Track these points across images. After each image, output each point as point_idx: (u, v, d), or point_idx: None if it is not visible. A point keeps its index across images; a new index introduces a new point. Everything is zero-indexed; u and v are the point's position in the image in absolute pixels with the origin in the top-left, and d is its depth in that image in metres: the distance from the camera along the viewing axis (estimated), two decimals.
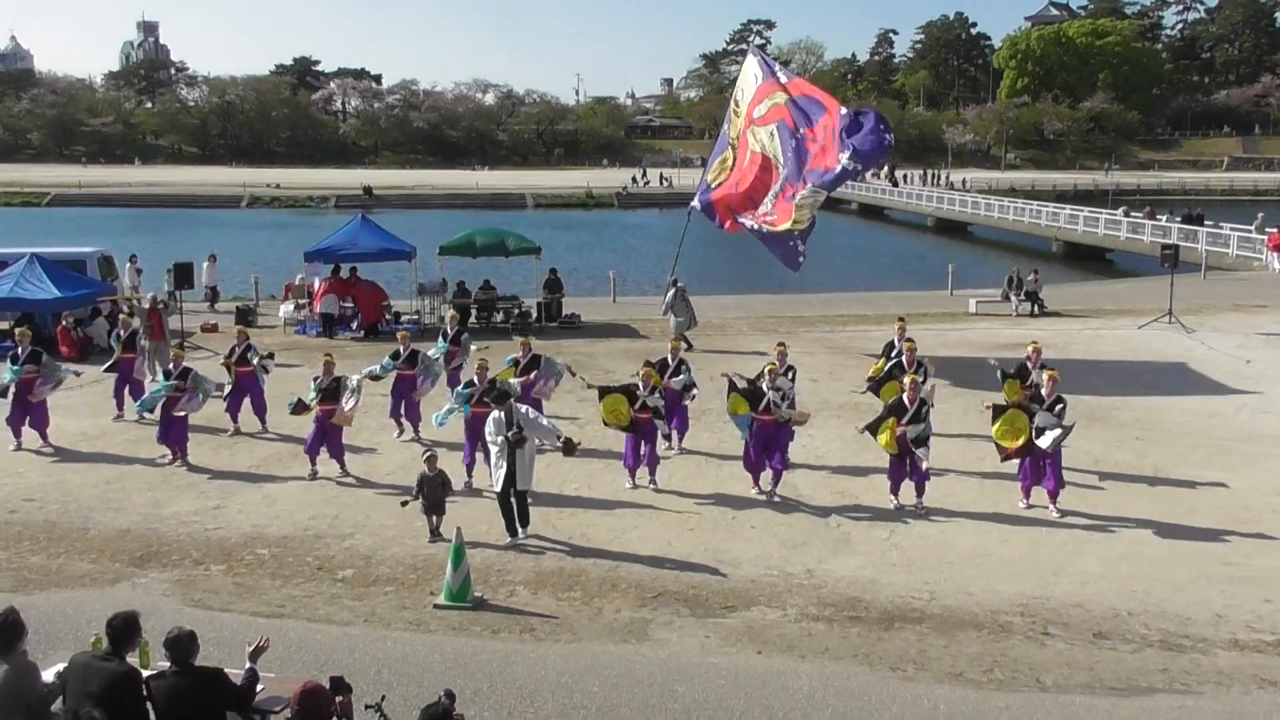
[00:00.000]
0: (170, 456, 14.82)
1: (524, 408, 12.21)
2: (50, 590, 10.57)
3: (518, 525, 11.87)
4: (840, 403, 17.80)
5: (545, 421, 12.36)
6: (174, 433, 14.83)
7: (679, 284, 23.40)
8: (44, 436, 15.62)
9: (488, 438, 11.95)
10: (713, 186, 23.08)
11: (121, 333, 17.85)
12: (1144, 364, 21.06)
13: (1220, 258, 37.59)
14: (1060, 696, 8.54)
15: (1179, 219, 40.59)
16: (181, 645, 6.12)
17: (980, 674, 8.92)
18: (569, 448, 12.32)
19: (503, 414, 11.71)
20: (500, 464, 11.69)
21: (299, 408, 14.05)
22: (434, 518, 11.99)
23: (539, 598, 10.44)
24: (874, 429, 12.95)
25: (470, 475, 13.55)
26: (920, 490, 12.82)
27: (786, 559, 11.36)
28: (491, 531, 11.98)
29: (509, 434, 11.56)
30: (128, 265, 28.97)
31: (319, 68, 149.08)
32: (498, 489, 11.79)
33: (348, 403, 14.05)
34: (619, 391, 13.66)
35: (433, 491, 11.92)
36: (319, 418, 13.98)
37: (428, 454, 12.39)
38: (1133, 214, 46.61)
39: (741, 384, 13.55)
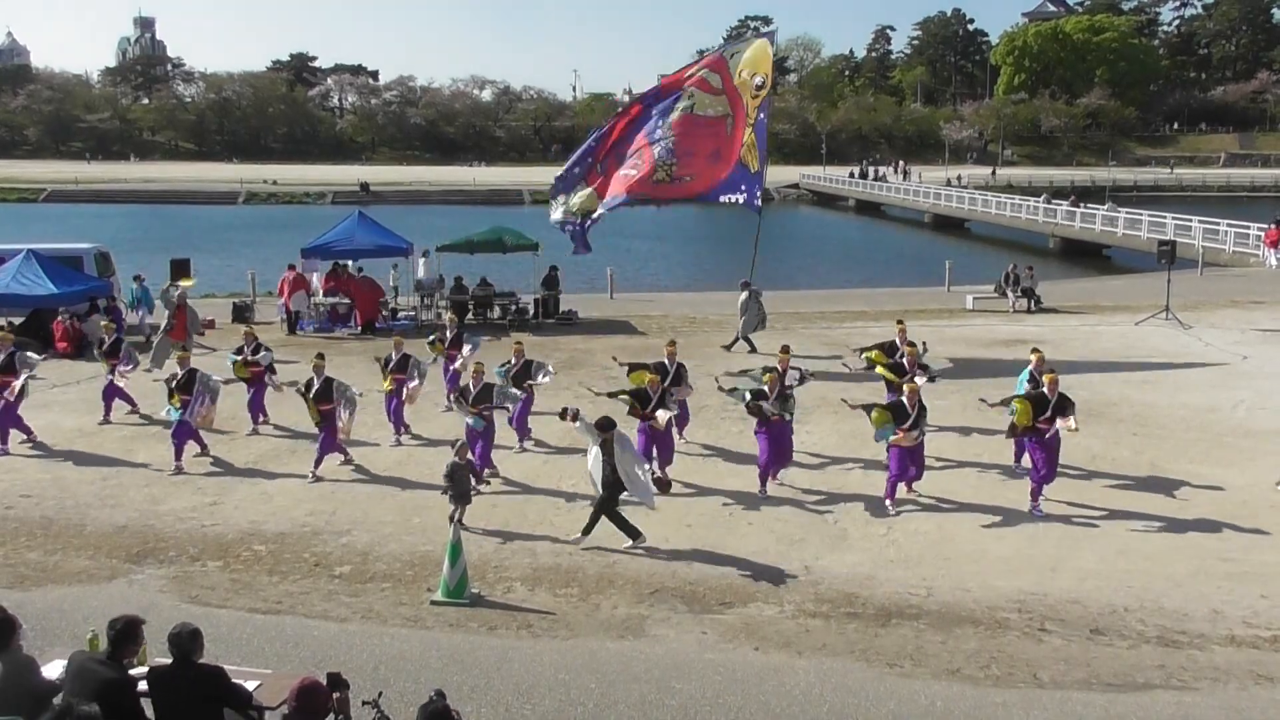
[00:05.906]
0: (201, 451, 14.81)
1: (628, 440, 11.94)
2: (47, 586, 10.56)
3: (631, 531, 11.53)
4: (837, 398, 17.74)
5: (643, 474, 11.73)
6: (180, 436, 14.48)
7: (752, 286, 23.06)
8: (4, 438, 15.26)
9: (590, 471, 11.70)
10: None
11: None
12: (1141, 360, 21.06)
13: (1217, 254, 37.64)
14: (1057, 692, 8.55)
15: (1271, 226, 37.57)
16: (183, 642, 6.12)
17: (977, 670, 8.92)
18: (663, 487, 12.37)
19: (599, 448, 11.46)
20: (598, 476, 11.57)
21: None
22: (459, 507, 11.97)
23: (536, 594, 10.44)
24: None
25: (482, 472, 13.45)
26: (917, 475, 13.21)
27: (784, 555, 11.35)
28: (488, 526, 12.01)
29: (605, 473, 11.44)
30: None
31: (316, 64, 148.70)
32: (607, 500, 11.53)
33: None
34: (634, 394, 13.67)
35: (460, 481, 11.91)
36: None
37: (459, 443, 12.43)
38: (1055, 200, 46.21)
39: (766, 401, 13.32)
